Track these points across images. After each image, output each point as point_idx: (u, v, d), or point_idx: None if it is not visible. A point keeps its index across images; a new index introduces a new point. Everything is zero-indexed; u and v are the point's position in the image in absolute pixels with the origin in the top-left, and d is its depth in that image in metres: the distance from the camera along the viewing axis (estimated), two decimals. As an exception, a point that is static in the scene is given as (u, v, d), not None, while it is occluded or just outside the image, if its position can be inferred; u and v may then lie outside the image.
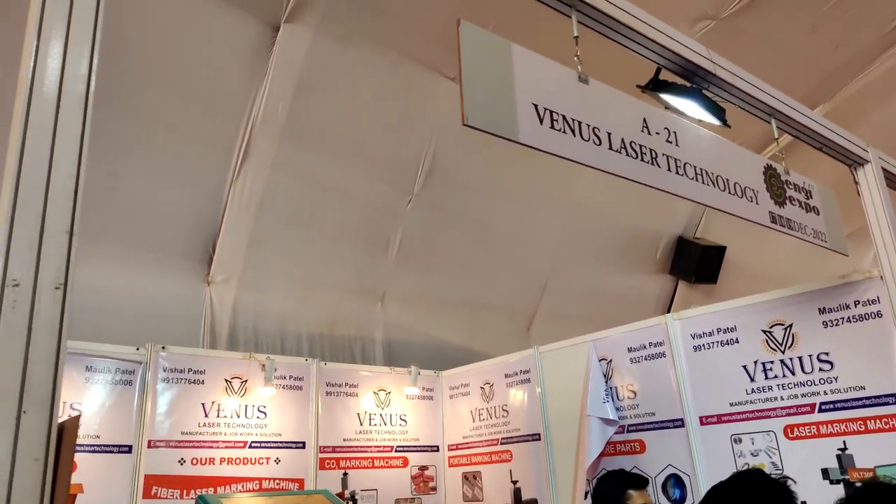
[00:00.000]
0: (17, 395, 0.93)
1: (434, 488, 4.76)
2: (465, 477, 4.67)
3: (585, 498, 3.69)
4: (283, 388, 4.28)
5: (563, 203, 5.87)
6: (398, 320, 5.48)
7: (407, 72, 4.84)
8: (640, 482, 2.63)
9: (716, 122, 2.43)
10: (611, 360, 3.87)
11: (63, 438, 0.93)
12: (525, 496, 4.22)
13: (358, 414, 4.57)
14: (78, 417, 0.87)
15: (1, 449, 0.90)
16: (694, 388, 3.43)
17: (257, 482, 3.98)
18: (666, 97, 2.31)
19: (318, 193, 5.01)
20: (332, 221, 5.10)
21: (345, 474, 4.35)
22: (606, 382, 3.85)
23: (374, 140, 5.00)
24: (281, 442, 4.16)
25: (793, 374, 3.06)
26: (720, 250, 6.47)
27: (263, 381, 4.14)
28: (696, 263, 6.44)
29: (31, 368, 0.94)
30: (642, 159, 1.84)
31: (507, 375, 4.54)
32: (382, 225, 5.32)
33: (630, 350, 3.77)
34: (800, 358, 3.06)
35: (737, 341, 3.28)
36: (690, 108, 2.38)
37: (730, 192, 2.15)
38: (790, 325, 3.10)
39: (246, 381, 4.14)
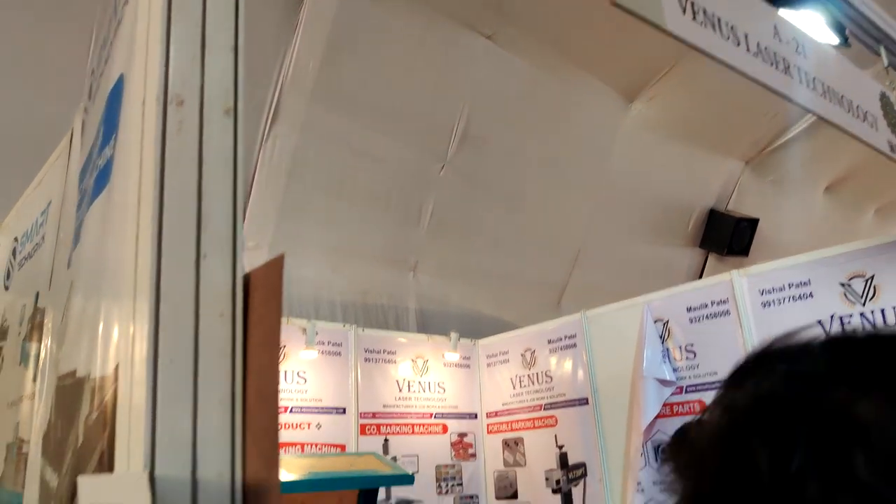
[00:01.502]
0: (195, 237, 0.78)
1: (473, 455, 4.65)
2: (506, 443, 4.55)
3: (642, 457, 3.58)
4: (322, 353, 4.15)
5: (596, 174, 5.73)
6: (430, 290, 5.34)
7: (442, 30, 4.69)
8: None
9: (836, 39, 2.29)
10: (667, 322, 3.74)
11: (253, 290, 0.79)
12: (572, 461, 4.10)
13: (397, 381, 4.45)
14: (281, 258, 0.72)
15: (182, 303, 0.76)
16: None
17: (299, 447, 3.85)
18: (784, 11, 2.16)
19: (349, 159, 4.87)
20: (364, 188, 4.95)
21: (385, 440, 4.23)
22: (662, 344, 3.73)
23: (406, 103, 4.86)
24: (321, 407, 4.03)
25: (873, 326, 2.94)
26: (753, 223, 6.34)
27: (305, 344, 4.01)
28: (729, 236, 6.31)
29: (206, 204, 0.80)
30: (776, 67, 1.70)
31: (550, 341, 4.41)
32: (414, 193, 5.17)
33: (689, 310, 3.64)
34: (882, 310, 2.93)
35: (811, 296, 3.16)
36: (810, 21, 2.22)
37: (853, 115, 2.01)
38: (871, 277, 2.97)
39: (285, 346, 4.00)
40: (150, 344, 0.74)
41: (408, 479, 3.47)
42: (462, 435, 4.66)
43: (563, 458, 4.16)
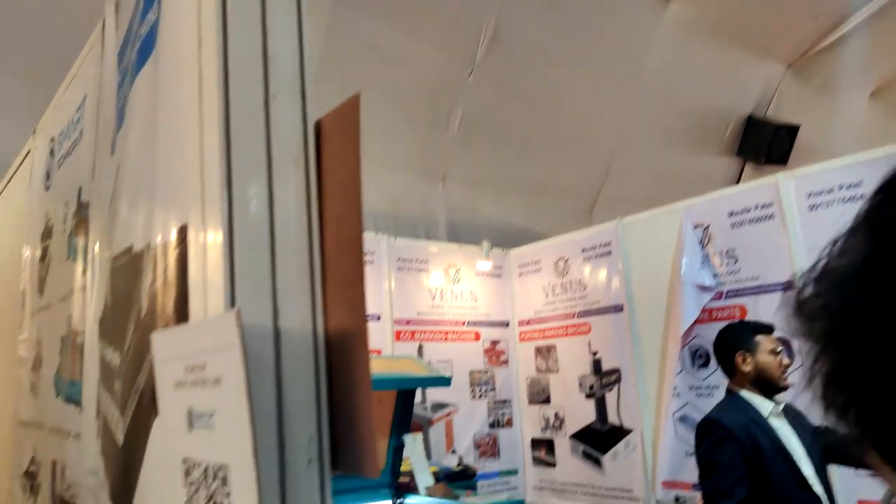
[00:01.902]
0: (262, 78, 0.72)
1: (506, 361, 4.70)
2: (539, 350, 4.58)
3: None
4: (355, 260, 4.14)
5: (631, 78, 5.51)
6: (460, 200, 5.27)
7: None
8: (767, 327, 2.46)
9: None
10: (707, 227, 3.66)
11: (326, 137, 0.73)
12: (605, 367, 4.12)
13: (429, 290, 4.45)
14: (357, 100, 0.67)
15: (254, 149, 0.70)
16: (808, 249, 3.22)
17: (335, 352, 3.89)
18: None
19: (376, 65, 4.71)
20: (391, 94, 4.81)
21: (420, 346, 4.27)
22: (702, 249, 3.66)
23: (433, 4, 4.65)
24: (356, 313, 4.05)
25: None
26: (793, 130, 6.11)
27: (337, 250, 4.00)
28: (767, 144, 6.11)
29: (273, 42, 0.73)
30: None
31: (584, 250, 4.36)
32: (443, 99, 5.03)
33: (731, 214, 3.54)
34: (939, 208, 2.82)
35: (862, 197, 3.04)
36: None
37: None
38: (928, 174, 2.84)
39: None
40: (224, 195, 0.69)
41: (445, 382, 3.51)
42: (494, 342, 4.69)
43: (596, 365, 4.18)
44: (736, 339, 2.44)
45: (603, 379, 4.14)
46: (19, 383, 2.14)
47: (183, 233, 0.80)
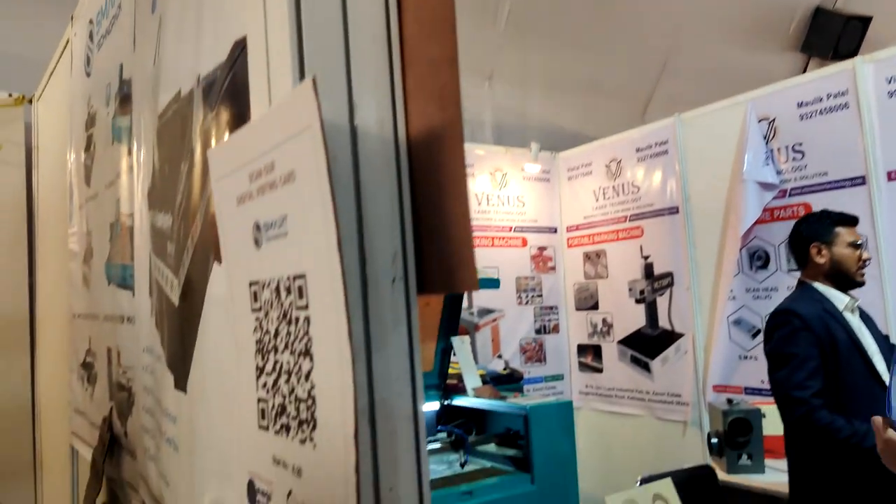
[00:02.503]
0: None
1: (553, 268, 4.63)
2: (587, 256, 4.49)
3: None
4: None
5: (690, -34, 5.13)
6: (507, 101, 5.08)
7: None
8: (850, 219, 2.31)
9: None
10: (773, 120, 3.44)
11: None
12: (658, 271, 4.01)
13: (475, 194, 4.34)
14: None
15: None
16: (884, 140, 3.00)
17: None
18: None
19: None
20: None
21: (466, 251, 4.20)
22: (766, 144, 3.45)
23: None
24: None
25: None
26: (865, 21, 5.66)
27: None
28: (835, 37, 5.68)
29: None
30: None
31: (638, 150, 4.17)
32: (490, -10, 4.76)
33: (801, 105, 3.31)
34: None
35: (949, 82, 2.79)
36: None
37: None
38: None
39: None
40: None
41: (494, 283, 3.46)
42: (542, 248, 4.61)
43: (648, 269, 4.07)
44: (813, 229, 2.32)
45: (654, 283, 4.04)
46: (71, 277, 2.14)
47: (240, 46, 0.71)
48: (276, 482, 0.70)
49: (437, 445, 3.23)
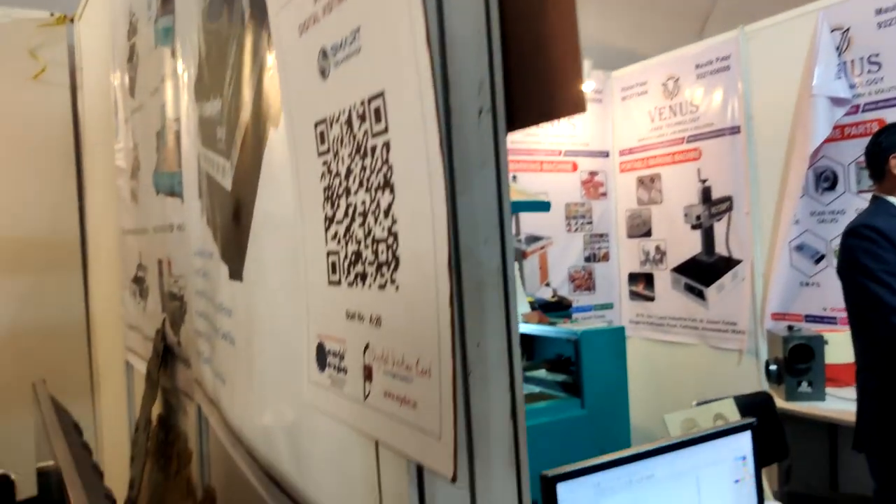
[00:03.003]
0: None
1: (604, 194, 4.49)
2: (641, 181, 4.33)
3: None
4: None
5: None
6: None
7: None
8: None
9: None
10: (847, 30, 3.19)
11: None
12: (716, 195, 3.85)
13: (524, 116, 4.19)
14: None
15: None
16: (975, 45, 2.76)
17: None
18: None
19: None
20: None
21: (514, 177, 4.09)
22: (839, 56, 3.21)
23: None
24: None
25: None
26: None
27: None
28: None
29: None
30: None
31: (697, 66, 3.94)
32: None
33: (880, 12, 3.05)
34: None
35: None
36: None
37: None
38: None
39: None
40: None
41: (544, 206, 3.37)
42: (593, 173, 4.46)
43: (705, 193, 3.91)
44: (892, 140, 2.15)
45: (712, 208, 3.88)
46: (120, 194, 2.13)
47: None
48: (349, 339, 0.66)
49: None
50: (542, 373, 3.13)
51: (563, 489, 1.11)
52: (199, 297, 1.30)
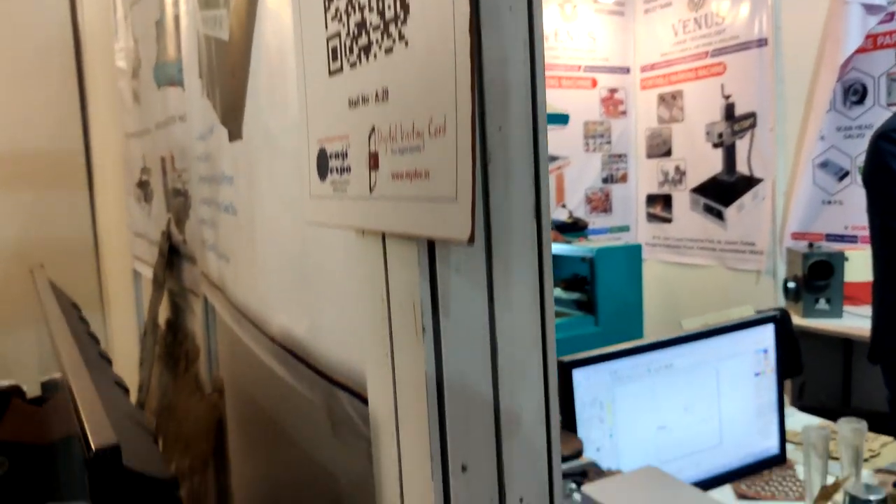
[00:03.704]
0: None
1: (624, 112, 4.36)
2: (662, 98, 4.19)
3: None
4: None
5: None
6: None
7: None
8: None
9: None
10: (888, -71, 2.99)
11: None
12: (739, 111, 3.72)
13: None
14: None
15: None
16: None
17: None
18: None
19: None
20: None
21: (531, 92, 3.97)
22: (877, -41, 3.03)
23: None
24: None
25: None
26: None
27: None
28: None
29: None
30: None
31: (725, -26, 3.75)
32: None
33: None
34: None
35: None
36: None
37: None
38: None
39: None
40: None
41: (562, 119, 3.28)
42: (613, 90, 4.32)
43: (729, 109, 3.78)
44: None
45: (735, 125, 3.76)
46: (122, 96, 2.08)
47: None
48: (352, 132, 0.62)
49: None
50: (557, 291, 3.11)
51: (578, 375, 1.09)
52: (202, 183, 1.28)
